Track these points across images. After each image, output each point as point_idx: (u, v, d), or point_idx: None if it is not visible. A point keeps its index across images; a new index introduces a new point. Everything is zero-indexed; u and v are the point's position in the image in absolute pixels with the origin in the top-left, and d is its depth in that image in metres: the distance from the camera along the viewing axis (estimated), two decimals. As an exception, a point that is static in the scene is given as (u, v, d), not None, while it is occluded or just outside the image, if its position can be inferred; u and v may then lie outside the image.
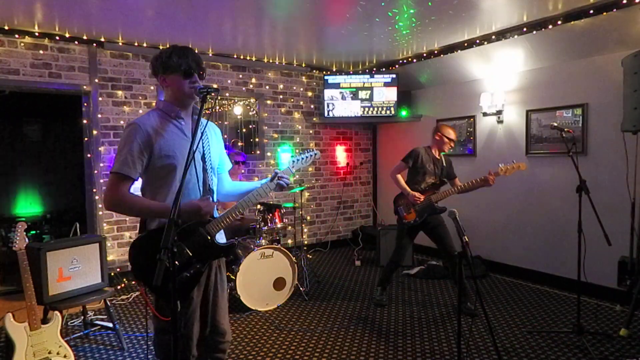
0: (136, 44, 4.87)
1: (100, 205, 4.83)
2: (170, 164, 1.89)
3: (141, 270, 1.89)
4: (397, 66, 5.96)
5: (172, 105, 1.96)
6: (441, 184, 4.08)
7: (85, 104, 4.77)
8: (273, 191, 2.12)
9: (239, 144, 5.84)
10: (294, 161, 2.20)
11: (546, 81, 4.69)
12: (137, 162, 1.85)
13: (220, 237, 2.07)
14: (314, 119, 6.39)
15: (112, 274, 4.78)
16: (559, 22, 4.09)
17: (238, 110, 5.82)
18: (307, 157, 2.24)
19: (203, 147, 2.00)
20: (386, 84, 6.05)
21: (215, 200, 2.02)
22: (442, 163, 4.11)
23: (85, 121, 4.80)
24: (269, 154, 6.07)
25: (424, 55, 5.50)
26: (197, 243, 1.92)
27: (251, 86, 5.87)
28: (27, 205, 7.25)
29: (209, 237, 1.94)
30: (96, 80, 4.75)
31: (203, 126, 1.91)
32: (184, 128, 1.97)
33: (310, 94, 6.41)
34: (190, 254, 1.89)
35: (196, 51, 1.99)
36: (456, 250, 3.85)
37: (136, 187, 1.92)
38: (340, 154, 6.79)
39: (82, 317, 3.74)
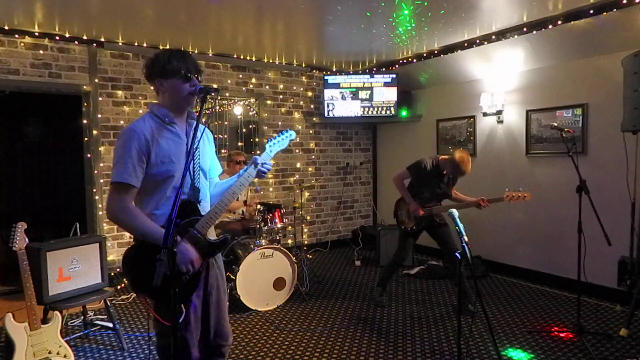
0: (136, 44, 4.87)
1: (100, 205, 4.83)
2: (167, 171, 1.86)
3: (137, 279, 1.84)
4: (397, 66, 5.96)
5: (166, 111, 1.93)
6: (445, 197, 4.05)
7: (85, 104, 4.77)
8: (256, 178, 2.06)
9: (239, 144, 5.84)
10: (270, 145, 2.13)
11: (546, 81, 4.69)
12: (138, 169, 1.81)
13: (211, 235, 2.05)
14: (314, 119, 6.39)
15: (112, 274, 4.78)
16: (559, 22, 4.09)
17: (238, 110, 5.82)
18: (283, 138, 2.15)
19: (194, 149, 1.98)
20: (386, 84, 6.05)
21: (201, 199, 1.99)
22: (449, 176, 4.00)
23: (85, 121, 4.80)
24: (269, 154, 6.05)
25: (424, 55, 5.50)
26: (190, 244, 1.88)
27: (251, 86, 5.87)
28: (27, 205, 7.24)
29: (201, 237, 1.91)
30: (96, 80, 4.75)
31: (201, 132, 1.89)
32: (179, 133, 1.95)
33: (310, 94, 6.41)
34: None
35: (195, 52, 1.99)
36: (457, 250, 3.85)
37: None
38: (340, 154, 6.80)
39: (82, 317, 3.74)
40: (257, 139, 5.98)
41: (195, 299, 1.95)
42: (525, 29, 4.36)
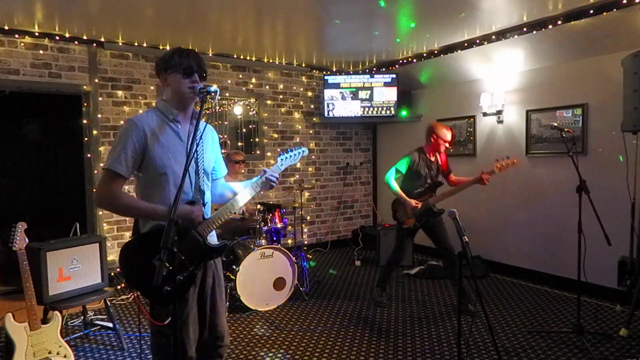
0: (136, 44, 4.87)
1: (100, 205, 4.83)
2: (163, 166, 1.87)
3: (133, 274, 1.85)
4: (397, 66, 5.96)
5: (170, 107, 1.95)
6: (437, 185, 4.06)
7: (85, 104, 4.77)
8: (262, 189, 2.11)
9: (239, 144, 5.84)
10: (282, 159, 2.21)
11: (546, 81, 4.69)
12: (130, 160, 1.83)
13: (212, 238, 2.05)
14: (314, 119, 6.39)
15: (112, 274, 4.77)
16: (559, 22, 4.09)
17: (238, 110, 5.82)
18: (295, 154, 2.25)
19: (197, 149, 1.98)
20: (386, 84, 6.05)
21: (206, 202, 2.00)
22: (437, 163, 4.07)
23: (85, 121, 4.80)
24: (269, 154, 6.07)
25: (424, 55, 5.50)
26: (189, 245, 1.89)
27: (251, 86, 5.87)
28: (27, 205, 7.24)
29: (201, 239, 1.92)
30: (96, 80, 4.75)
31: (201, 131, 1.89)
32: (180, 132, 1.95)
33: (310, 94, 6.41)
34: (183, 257, 1.85)
35: (197, 51, 1.99)
36: (455, 249, 3.85)
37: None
38: (340, 154, 6.80)
39: (82, 317, 3.74)
40: (257, 139, 5.98)
41: (191, 298, 1.94)
42: (525, 29, 4.36)
